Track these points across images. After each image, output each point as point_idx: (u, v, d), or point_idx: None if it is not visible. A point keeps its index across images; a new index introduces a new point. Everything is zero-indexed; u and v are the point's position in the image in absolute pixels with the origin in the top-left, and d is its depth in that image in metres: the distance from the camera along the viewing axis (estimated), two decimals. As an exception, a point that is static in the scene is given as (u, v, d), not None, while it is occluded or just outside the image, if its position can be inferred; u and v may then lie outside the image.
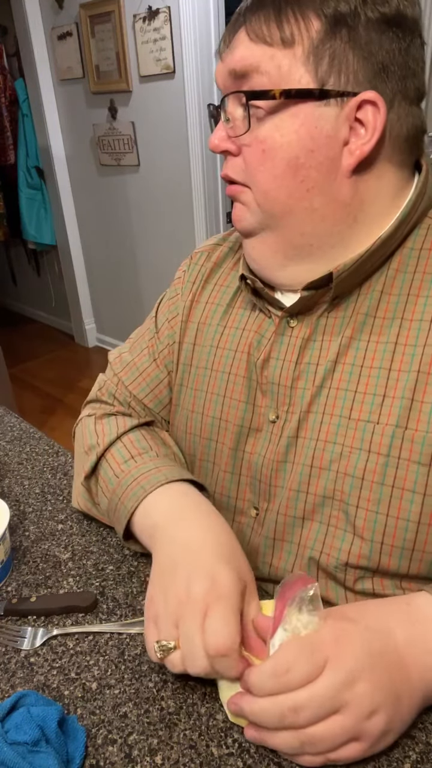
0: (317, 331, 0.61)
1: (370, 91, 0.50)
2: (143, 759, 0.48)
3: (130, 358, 0.78)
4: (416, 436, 0.54)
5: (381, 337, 0.57)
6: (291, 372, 0.62)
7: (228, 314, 0.70)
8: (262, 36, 0.51)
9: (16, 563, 0.71)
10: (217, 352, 0.69)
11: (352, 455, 0.57)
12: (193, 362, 0.72)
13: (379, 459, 0.55)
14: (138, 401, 0.77)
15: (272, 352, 0.63)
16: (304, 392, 0.61)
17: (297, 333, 0.62)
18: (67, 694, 0.54)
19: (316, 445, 0.59)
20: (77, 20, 2.72)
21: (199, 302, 0.73)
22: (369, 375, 0.57)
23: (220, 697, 0.51)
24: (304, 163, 0.53)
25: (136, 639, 0.59)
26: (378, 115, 0.51)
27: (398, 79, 0.51)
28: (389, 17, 0.50)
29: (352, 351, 0.58)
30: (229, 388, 0.67)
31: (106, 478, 0.68)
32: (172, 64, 2.38)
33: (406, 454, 0.54)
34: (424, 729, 0.50)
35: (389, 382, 0.56)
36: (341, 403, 0.58)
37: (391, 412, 0.55)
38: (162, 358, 0.75)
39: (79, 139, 3.07)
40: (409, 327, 0.56)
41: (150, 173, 2.77)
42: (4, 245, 4.13)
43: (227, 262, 0.74)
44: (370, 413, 0.56)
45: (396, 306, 0.57)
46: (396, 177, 0.56)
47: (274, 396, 0.63)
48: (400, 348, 0.56)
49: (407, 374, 0.55)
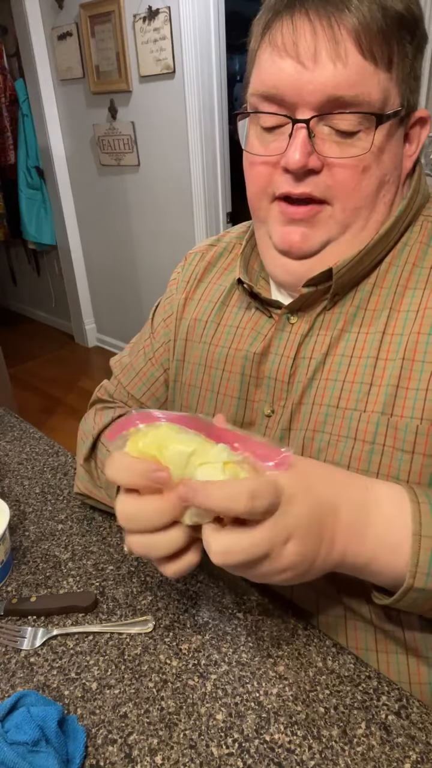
0: (314, 326, 0.61)
1: (423, 110, 0.54)
2: (143, 759, 0.48)
3: (128, 360, 0.80)
4: (400, 423, 0.54)
5: (370, 328, 0.58)
6: (288, 368, 0.62)
7: (222, 312, 0.70)
8: (372, 55, 0.49)
9: (16, 563, 0.71)
10: (211, 348, 0.70)
11: (339, 443, 0.58)
12: (186, 358, 0.73)
13: (364, 446, 0.56)
14: (135, 400, 0.78)
15: (271, 347, 0.64)
16: (297, 385, 0.62)
17: (296, 329, 0.62)
18: (67, 694, 0.54)
19: (305, 435, 0.60)
20: (77, 20, 2.72)
21: (192, 299, 0.74)
22: (357, 365, 0.58)
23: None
24: (388, 180, 0.55)
25: (136, 639, 0.59)
26: (423, 130, 0.54)
27: (414, 92, 0.54)
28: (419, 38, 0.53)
29: (343, 342, 0.59)
30: (223, 384, 0.68)
31: (102, 457, 0.71)
32: (172, 64, 2.38)
33: (390, 441, 0.55)
34: (424, 729, 0.50)
35: (376, 370, 0.57)
36: (330, 393, 0.59)
37: (378, 400, 0.56)
38: (158, 356, 0.77)
39: (79, 139, 3.07)
40: (397, 317, 0.57)
41: (150, 173, 2.77)
42: (4, 245, 4.13)
43: (221, 262, 0.74)
44: (357, 401, 0.57)
45: (386, 298, 0.58)
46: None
47: (270, 391, 0.64)
48: (388, 337, 0.57)
49: (393, 362, 0.56)
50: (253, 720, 0.51)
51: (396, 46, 0.50)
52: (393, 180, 0.56)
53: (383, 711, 0.52)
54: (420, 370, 0.54)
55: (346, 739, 0.49)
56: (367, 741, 0.49)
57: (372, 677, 0.55)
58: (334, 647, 0.58)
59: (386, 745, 0.49)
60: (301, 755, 0.48)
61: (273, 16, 0.51)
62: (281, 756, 0.48)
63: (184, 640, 0.59)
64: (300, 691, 0.54)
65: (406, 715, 0.51)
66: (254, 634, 0.59)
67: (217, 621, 0.61)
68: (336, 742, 0.49)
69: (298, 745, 0.49)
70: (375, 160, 0.53)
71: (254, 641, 0.59)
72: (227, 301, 0.70)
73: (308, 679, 0.55)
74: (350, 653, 0.57)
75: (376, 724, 0.51)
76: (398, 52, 0.50)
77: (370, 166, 0.53)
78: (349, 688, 0.54)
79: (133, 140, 2.73)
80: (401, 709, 0.52)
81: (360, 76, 0.49)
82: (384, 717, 0.51)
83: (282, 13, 0.50)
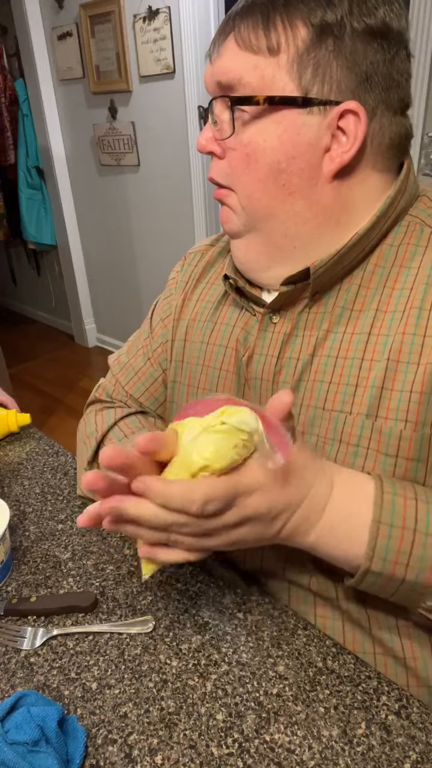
0: (298, 326, 0.61)
1: (352, 102, 0.51)
2: (143, 759, 0.48)
3: (127, 359, 0.80)
4: (384, 427, 0.54)
5: (356, 329, 0.58)
6: (273, 366, 0.62)
7: (218, 311, 0.70)
8: (249, 44, 0.52)
9: (16, 563, 0.71)
10: (208, 348, 0.70)
11: (326, 446, 0.58)
12: (185, 358, 0.73)
13: (349, 449, 0.56)
14: (134, 400, 0.78)
15: (256, 347, 0.64)
16: (284, 386, 0.62)
17: (279, 328, 0.62)
18: (67, 694, 0.54)
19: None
20: (77, 20, 2.72)
21: (190, 300, 0.74)
22: (343, 366, 0.58)
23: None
24: (285, 169, 0.54)
25: (136, 639, 0.59)
26: (359, 124, 0.52)
27: (381, 90, 0.52)
28: (375, 29, 0.50)
29: (329, 343, 0.59)
30: (220, 384, 0.68)
31: None
32: (172, 64, 2.38)
33: (374, 444, 0.55)
34: (424, 729, 0.50)
35: (362, 371, 0.56)
36: (317, 394, 0.59)
37: (363, 401, 0.56)
38: (156, 356, 0.77)
39: (79, 139, 3.07)
40: (383, 318, 0.56)
41: (150, 173, 2.77)
42: (4, 245, 4.13)
43: (219, 262, 0.75)
44: (343, 403, 0.57)
45: (372, 299, 0.58)
46: (380, 180, 0.57)
47: (258, 391, 0.64)
48: (374, 338, 0.56)
49: (379, 363, 0.55)
50: (253, 720, 0.51)
51: (288, 31, 0.50)
52: (295, 171, 0.54)
53: (383, 711, 0.52)
54: (405, 371, 0.54)
55: (346, 739, 0.49)
56: (367, 741, 0.49)
57: (372, 677, 0.55)
58: (334, 647, 0.58)
59: (386, 745, 0.49)
60: (301, 755, 0.48)
61: None
62: (281, 756, 0.48)
63: (184, 640, 0.59)
64: (300, 691, 0.54)
65: (406, 715, 0.51)
66: (254, 634, 0.59)
67: (217, 621, 0.61)
68: (336, 742, 0.49)
69: (298, 745, 0.49)
70: (259, 146, 0.54)
71: (254, 641, 0.59)
72: (224, 301, 0.71)
73: (308, 679, 0.55)
74: (350, 653, 0.57)
75: (376, 724, 0.51)
76: (291, 37, 0.50)
77: (255, 152, 0.55)
78: (349, 688, 0.54)
79: (133, 140, 2.73)
80: (401, 709, 0.52)
81: (232, 62, 0.53)
82: (384, 717, 0.51)
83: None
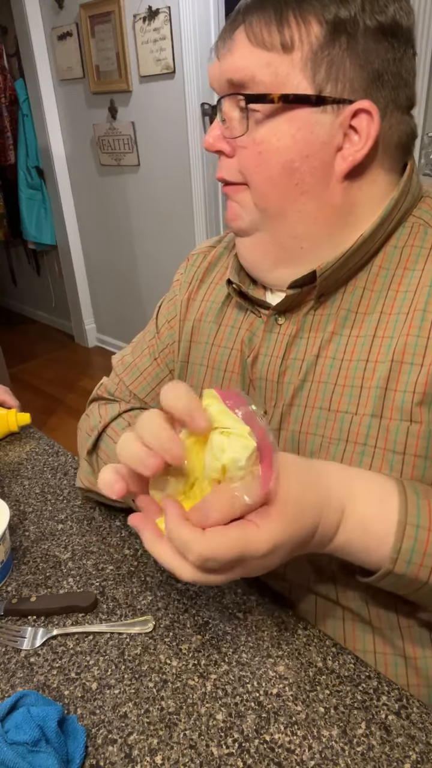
0: (304, 328, 0.61)
1: (366, 101, 0.51)
2: (143, 759, 0.48)
3: (132, 359, 0.80)
4: (391, 425, 0.55)
5: (361, 331, 0.58)
6: (277, 367, 0.62)
7: (223, 312, 0.70)
8: (261, 40, 0.51)
9: (16, 563, 0.71)
10: (213, 349, 0.70)
11: (331, 446, 0.58)
12: (191, 359, 0.73)
13: (356, 448, 0.56)
14: (139, 399, 0.78)
15: (261, 348, 0.64)
16: (288, 386, 0.62)
17: (284, 330, 0.63)
18: (67, 694, 0.54)
19: (298, 437, 0.60)
20: (77, 20, 2.72)
21: (194, 300, 0.74)
22: (348, 368, 0.58)
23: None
24: (299, 167, 0.54)
25: (136, 639, 0.59)
26: (372, 123, 0.52)
27: (391, 89, 0.52)
28: (386, 26, 0.50)
29: (333, 345, 0.59)
30: (225, 385, 0.68)
31: (107, 449, 0.71)
32: (172, 64, 2.38)
33: (381, 443, 0.55)
34: (424, 729, 0.50)
35: (366, 373, 0.57)
36: (322, 396, 0.59)
37: (368, 402, 0.56)
38: (163, 357, 0.77)
39: (79, 139, 3.07)
40: (387, 320, 0.57)
41: (150, 173, 2.77)
42: (4, 245, 4.13)
43: (222, 262, 0.75)
44: (349, 404, 0.57)
45: (377, 301, 0.58)
46: (385, 181, 0.57)
47: (262, 391, 0.64)
48: (378, 340, 0.57)
49: (383, 364, 0.56)
50: (253, 720, 0.51)
51: (302, 27, 0.50)
52: (308, 169, 0.54)
53: (383, 711, 0.52)
54: (408, 372, 0.54)
55: (346, 739, 0.49)
56: (367, 741, 0.49)
57: (372, 677, 0.55)
58: (334, 647, 0.58)
59: (386, 745, 0.49)
60: (301, 755, 0.48)
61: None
62: (281, 756, 0.48)
63: (184, 640, 0.59)
64: (300, 691, 0.54)
65: (406, 715, 0.51)
66: (254, 634, 0.59)
67: (217, 621, 0.61)
68: (336, 742, 0.49)
69: (298, 745, 0.49)
70: (272, 145, 0.54)
71: (254, 641, 0.59)
72: (228, 302, 0.71)
73: (308, 679, 0.55)
74: (350, 653, 0.57)
75: (376, 724, 0.51)
76: (305, 34, 0.50)
77: (268, 150, 0.54)
78: (349, 688, 0.54)
79: (133, 140, 2.73)
80: (401, 709, 0.52)
81: (245, 60, 0.52)
82: (384, 717, 0.51)
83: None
